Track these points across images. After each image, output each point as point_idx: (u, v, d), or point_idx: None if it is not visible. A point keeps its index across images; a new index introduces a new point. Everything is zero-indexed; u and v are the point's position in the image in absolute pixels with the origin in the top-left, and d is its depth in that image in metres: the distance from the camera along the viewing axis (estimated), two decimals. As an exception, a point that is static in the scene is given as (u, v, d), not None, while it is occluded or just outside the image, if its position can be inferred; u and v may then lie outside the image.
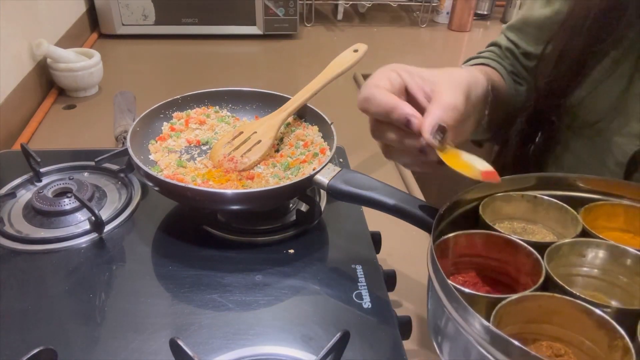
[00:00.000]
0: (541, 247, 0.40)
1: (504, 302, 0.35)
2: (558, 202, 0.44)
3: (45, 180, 0.67)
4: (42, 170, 0.68)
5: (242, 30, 1.38)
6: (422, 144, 0.43)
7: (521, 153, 0.66)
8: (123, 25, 1.32)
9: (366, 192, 0.54)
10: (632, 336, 0.32)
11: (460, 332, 0.34)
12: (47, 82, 1.05)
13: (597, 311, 0.33)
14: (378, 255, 0.59)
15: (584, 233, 0.42)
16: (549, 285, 0.37)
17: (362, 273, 0.56)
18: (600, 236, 0.41)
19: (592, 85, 0.56)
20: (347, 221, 0.64)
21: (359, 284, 0.54)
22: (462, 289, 0.36)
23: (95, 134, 0.92)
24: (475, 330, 0.32)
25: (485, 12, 1.70)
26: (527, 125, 0.64)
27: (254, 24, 1.37)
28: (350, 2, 1.61)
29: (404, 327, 0.51)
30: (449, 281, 0.36)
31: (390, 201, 0.53)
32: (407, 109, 0.43)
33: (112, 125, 0.84)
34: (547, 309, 0.36)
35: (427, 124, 0.42)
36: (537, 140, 0.65)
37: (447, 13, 1.62)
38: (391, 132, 0.46)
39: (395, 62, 0.76)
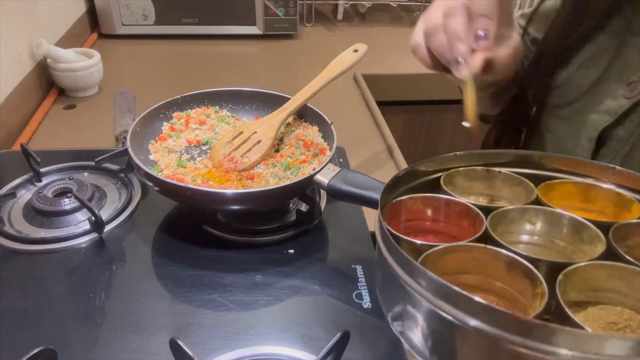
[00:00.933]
0: (489, 211, 0.41)
1: (434, 249, 0.36)
2: (520, 177, 0.45)
3: (45, 180, 0.67)
4: (42, 170, 0.68)
5: (242, 30, 1.38)
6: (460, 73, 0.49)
7: (506, 127, 0.67)
8: (123, 25, 1.32)
9: (366, 192, 0.54)
10: (552, 286, 0.34)
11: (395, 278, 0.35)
12: (47, 82, 1.05)
13: (524, 262, 0.35)
14: (378, 255, 0.59)
15: (537, 203, 0.43)
16: (488, 243, 0.38)
17: (362, 273, 0.56)
18: (548, 204, 0.42)
19: (576, 66, 0.58)
20: (347, 221, 0.64)
21: (359, 284, 0.54)
22: (400, 235, 0.38)
23: (95, 134, 0.92)
24: (409, 274, 0.34)
25: (485, 12, 1.70)
26: (512, 102, 0.65)
27: (254, 24, 1.37)
28: (350, 2, 1.61)
29: (404, 327, 0.51)
30: (386, 225, 0.37)
31: (390, 201, 0.53)
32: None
33: (112, 125, 0.84)
34: (480, 260, 0.37)
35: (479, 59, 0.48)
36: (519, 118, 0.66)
37: (447, 13, 1.62)
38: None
39: (395, 63, 0.76)
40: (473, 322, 0.31)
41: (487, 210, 0.41)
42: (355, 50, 0.71)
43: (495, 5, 0.49)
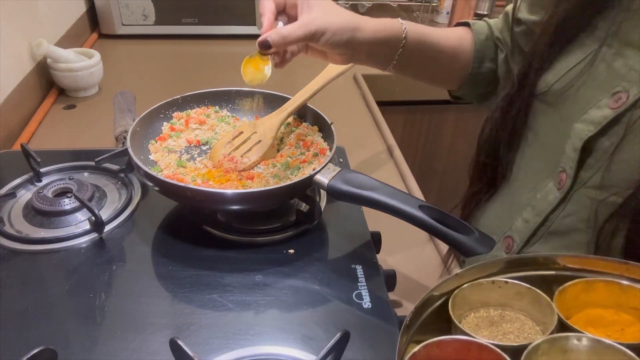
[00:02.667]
0: (518, 349, 0.38)
1: None
2: (530, 287, 0.42)
3: (45, 180, 0.67)
4: (42, 170, 0.68)
5: (242, 30, 1.38)
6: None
7: (500, 128, 0.66)
8: (123, 25, 1.32)
9: (366, 192, 0.54)
10: None
11: None
12: (47, 82, 1.05)
13: None
14: (378, 255, 0.59)
15: (561, 324, 0.40)
16: None
17: (362, 273, 0.56)
18: (578, 328, 0.39)
19: (563, 72, 0.57)
20: (347, 221, 0.64)
21: (359, 284, 0.54)
22: None
23: (95, 134, 0.92)
24: None
25: (485, 12, 1.69)
26: (504, 103, 0.65)
27: (254, 24, 1.37)
28: (350, 2, 1.61)
29: (404, 327, 0.51)
30: None
31: (390, 201, 0.53)
32: (265, 23, 0.56)
33: (112, 125, 0.84)
34: None
35: (261, 37, 0.55)
36: (512, 117, 0.66)
37: (447, 13, 1.62)
38: None
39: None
40: None
41: (513, 349, 0.37)
42: (355, 50, 0.71)
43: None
